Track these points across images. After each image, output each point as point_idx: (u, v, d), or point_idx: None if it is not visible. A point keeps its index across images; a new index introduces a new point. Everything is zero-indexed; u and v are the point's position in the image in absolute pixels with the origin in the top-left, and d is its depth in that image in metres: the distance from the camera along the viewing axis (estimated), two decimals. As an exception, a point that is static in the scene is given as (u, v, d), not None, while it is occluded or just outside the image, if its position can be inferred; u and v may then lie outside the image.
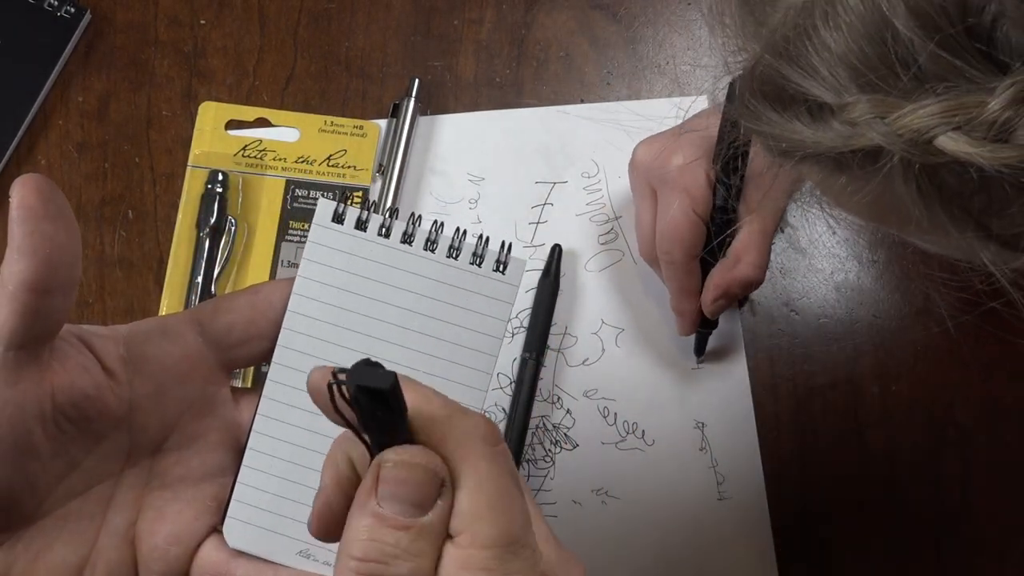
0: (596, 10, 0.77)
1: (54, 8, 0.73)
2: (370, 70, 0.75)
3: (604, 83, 0.75)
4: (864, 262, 0.72)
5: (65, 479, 0.40)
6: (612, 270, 0.71)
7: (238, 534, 0.52)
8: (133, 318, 0.70)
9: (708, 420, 0.69)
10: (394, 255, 0.54)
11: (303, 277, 0.53)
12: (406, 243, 0.55)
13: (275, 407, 0.53)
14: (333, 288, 0.54)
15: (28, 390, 0.37)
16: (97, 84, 0.74)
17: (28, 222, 0.36)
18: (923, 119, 0.32)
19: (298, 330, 0.53)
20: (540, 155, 0.73)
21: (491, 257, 0.55)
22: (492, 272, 0.55)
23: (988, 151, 0.31)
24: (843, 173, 0.36)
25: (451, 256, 0.55)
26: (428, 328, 0.54)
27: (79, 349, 0.40)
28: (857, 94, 0.33)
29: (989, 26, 0.31)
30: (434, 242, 0.54)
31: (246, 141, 0.73)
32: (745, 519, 0.67)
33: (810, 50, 0.34)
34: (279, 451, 0.53)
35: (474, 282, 0.55)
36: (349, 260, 0.54)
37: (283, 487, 0.52)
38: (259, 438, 0.52)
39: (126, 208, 0.72)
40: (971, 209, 0.34)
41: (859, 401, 0.69)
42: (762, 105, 0.37)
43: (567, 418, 0.69)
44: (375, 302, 0.54)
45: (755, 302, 0.71)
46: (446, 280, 0.55)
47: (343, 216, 0.54)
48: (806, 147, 0.36)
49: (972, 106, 0.31)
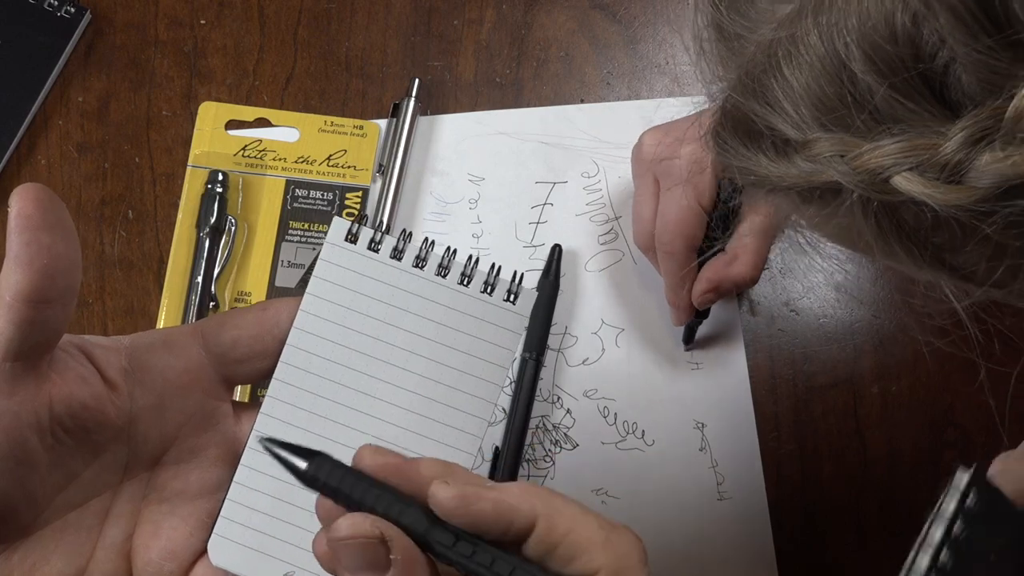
0: (596, 10, 0.76)
1: (54, 8, 0.73)
2: (370, 70, 0.75)
3: (604, 83, 0.75)
4: (864, 262, 0.72)
5: (63, 491, 0.40)
6: (612, 270, 0.71)
7: (223, 552, 0.51)
8: (133, 318, 0.70)
9: (708, 420, 0.69)
10: (405, 278, 0.54)
11: (311, 295, 0.53)
12: (418, 267, 0.54)
13: (272, 424, 0.52)
14: (341, 308, 0.53)
15: (25, 401, 0.37)
16: (97, 84, 0.74)
17: (25, 232, 0.36)
18: (879, 159, 0.32)
19: (303, 347, 0.52)
20: (540, 155, 0.73)
21: (502, 287, 0.54)
22: (502, 301, 0.55)
23: (940, 192, 0.31)
24: (810, 205, 0.36)
25: (462, 283, 0.55)
26: (434, 353, 0.54)
27: (79, 360, 0.40)
28: (819, 132, 0.34)
29: (942, 71, 0.31)
30: (446, 268, 0.54)
31: (246, 141, 0.73)
32: (745, 519, 0.67)
33: (775, 86, 0.34)
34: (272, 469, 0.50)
35: (484, 310, 0.55)
36: (359, 280, 0.54)
37: (273, 506, 0.52)
38: (253, 455, 0.52)
39: (126, 208, 0.72)
40: (929, 245, 0.35)
41: (859, 401, 0.69)
42: (731, 137, 0.38)
43: (567, 418, 0.69)
44: (382, 324, 0.54)
45: (755, 302, 0.71)
46: (456, 306, 0.54)
47: (356, 236, 0.53)
48: (771, 181, 0.36)
49: (926, 148, 0.32)
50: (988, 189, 0.31)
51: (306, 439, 0.52)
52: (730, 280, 0.64)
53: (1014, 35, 0.29)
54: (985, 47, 0.29)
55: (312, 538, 0.49)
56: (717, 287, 0.64)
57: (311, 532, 0.51)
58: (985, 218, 0.32)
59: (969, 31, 0.29)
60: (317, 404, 0.53)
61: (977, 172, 0.31)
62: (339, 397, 0.53)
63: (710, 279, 0.64)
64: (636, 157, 0.67)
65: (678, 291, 0.66)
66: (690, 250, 0.64)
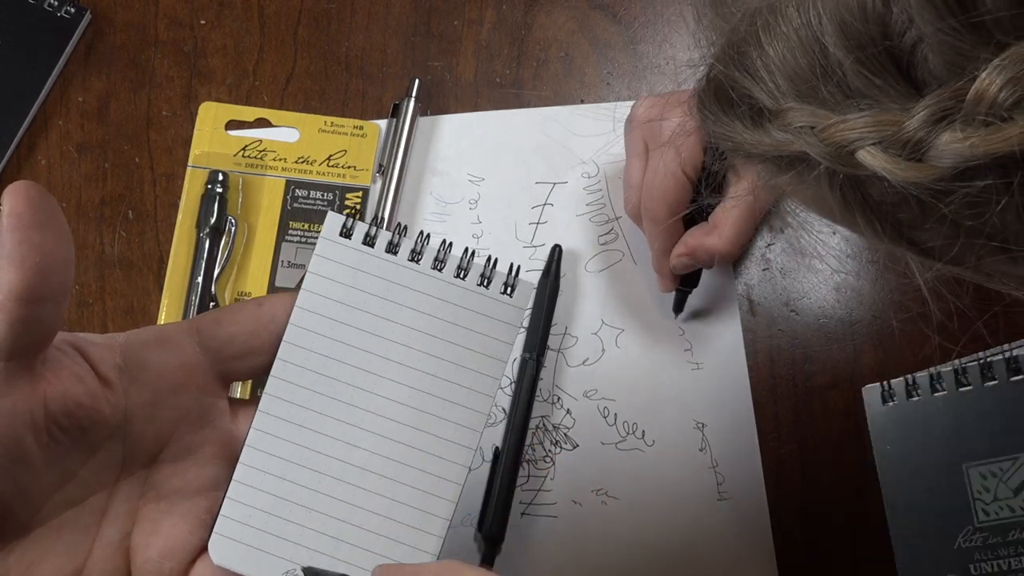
0: (596, 10, 0.77)
1: (54, 8, 0.73)
2: (370, 70, 0.75)
3: (604, 83, 0.75)
4: (864, 262, 0.72)
5: (60, 489, 0.40)
6: (612, 270, 0.71)
7: (224, 550, 0.51)
8: (133, 318, 0.70)
9: (708, 420, 0.69)
10: (401, 272, 0.53)
11: (307, 291, 0.52)
12: (414, 261, 0.54)
13: (271, 422, 0.52)
14: (337, 303, 0.53)
15: (20, 400, 0.37)
16: (97, 84, 0.74)
17: (17, 231, 0.36)
18: (845, 132, 0.33)
19: (299, 344, 0.52)
20: (540, 155, 0.73)
21: (499, 279, 0.54)
22: (499, 294, 0.54)
23: (901, 169, 0.32)
24: (784, 174, 0.37)
25: (459, 276, 0.54)
26: (431, 347, 0.53)
27: (73, 358, 0.40)
28: (792, 102, 0.34)
29: (909, 49, 0.31)
30: (442, 261, 0.53)
31: (246, 141, 0.73)
32: (745, 519, 0.67)
33: (754, 55, 0.35)
34: (272, 467, 0.51)
35: (481, 303, 0.54)
36: (355, 275, 0.53)
37: (274, 504, 0.52)
38: (252, 453, 0.51)
39: (126, 208, 0.72)
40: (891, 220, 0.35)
41: (859, 401, 0.69)
42: (712, 103, 0.38)
43: (567, 418, 0.69)
44: (379, 319, 0.53)
45: (755, 302, 0.71)
46: (452, 300, 0.54)
47: (351, 231, 0.53)
48: (745, 149, 0.37)
49: (890, 124, 0.32)
50: (946, 169, 0.31)
51: (303, 435, 0.52)
52: (704, 249, 0.65)
53: (978, 17, 0.29)
54: (950, 28, 0.30)
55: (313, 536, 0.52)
56: (692, 252, 0.65)
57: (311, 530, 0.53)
58: (943, 197, 0.32)
59: (936, 11, 0.30)
60: (315, 400, 0.52)
61: (937, 151, 0.31)
62: (337, 393, 0.53)
63: (687, 244, 0.65)
64: (628, 120, 0.68)
65: (661, 258, 0.67)
66: (672, 216, 0.65)
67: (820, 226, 0.71)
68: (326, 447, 0.53)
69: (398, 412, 0.54)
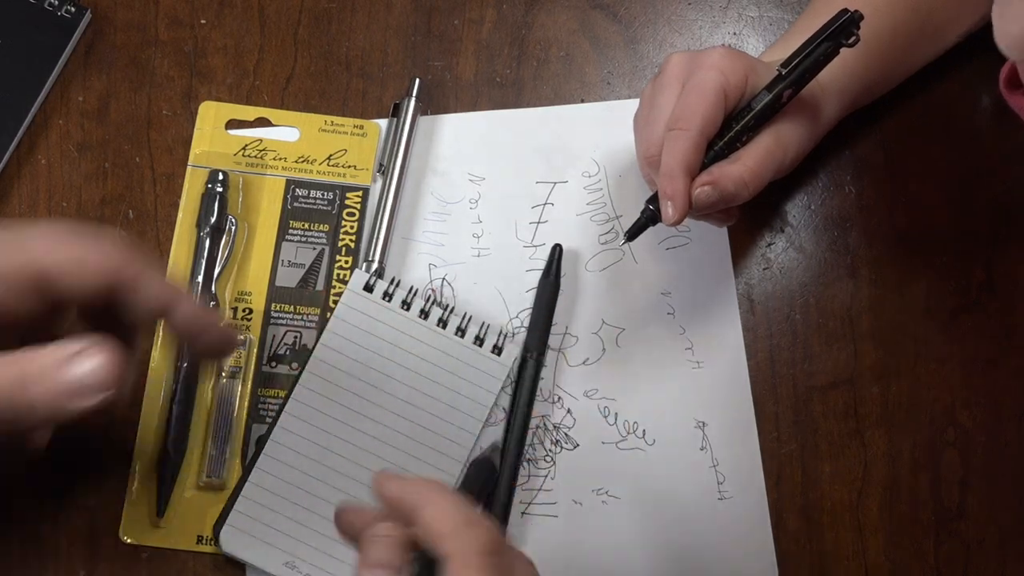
0: (596, 10, 0.77)
1: (54, 8, 0.73)
2: (370, 70, 0.75)
3: (604, 83, 0.75)
4: (864, 262, 0.72)
5: None
6: (612, 270, 0.71)
7: (232, 540, 0.62)
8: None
9: (708, 420, 0.69)
10: (410, 325, 0.66)
11: (331, 331, 0.66)
12: (422, 317, 0.66)
13: (288, 437, 0.64)
14: (354, 344, 0.65)
15: None
16: (97, 84, 0.74)
17: None
18: None
19: (318, 374, 0.65)
20: (540, 155, 0.73)
21: (491, 340, 0.67)
22: (490, 352, 0.67)
23: None
24: None
25: (458, 334, 0.66)
26: (429, 389, 0.65)
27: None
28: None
29: None
30: (445, 321, 0.66)
31: (246, 141, 0.73)
32: (745, 519, 0.67)
33: None
34: (284, 474, 0.63)
35: (473, 358, 0.66)
36: (372, 323, 0.66)
37: (282, 505, 0.63)
38: (268, 461, 0.64)
39: (126, 208, 0.72)
40: None
41: (859, 401, 0.69)
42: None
43: (567, 418, 0.69)
44: (388, 361, 0.65)
45: (755, 302, 0.71)
46: (450, 352, 0.66)
47: (373, 287, 0.67)
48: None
49: None
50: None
51: (316, 451, 0.64)
52: (728, 176, 0.62)
53: None
54: None
55: (312, 535, 0.63)
56: (716, 181, 0.62)
57: (311, 529, 0.63)
58: None
59: None
60: (327, 422, 0.65)
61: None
62: (346, 418, 0.65)
63: (711, 172, 0.62)
64: (662, 72, 0.65)
65: (677, 177, 0.61)
66: (702, 133, 0.62)
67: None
68: (332, 462, 0.64)
69: (396, 440, 0.65)
